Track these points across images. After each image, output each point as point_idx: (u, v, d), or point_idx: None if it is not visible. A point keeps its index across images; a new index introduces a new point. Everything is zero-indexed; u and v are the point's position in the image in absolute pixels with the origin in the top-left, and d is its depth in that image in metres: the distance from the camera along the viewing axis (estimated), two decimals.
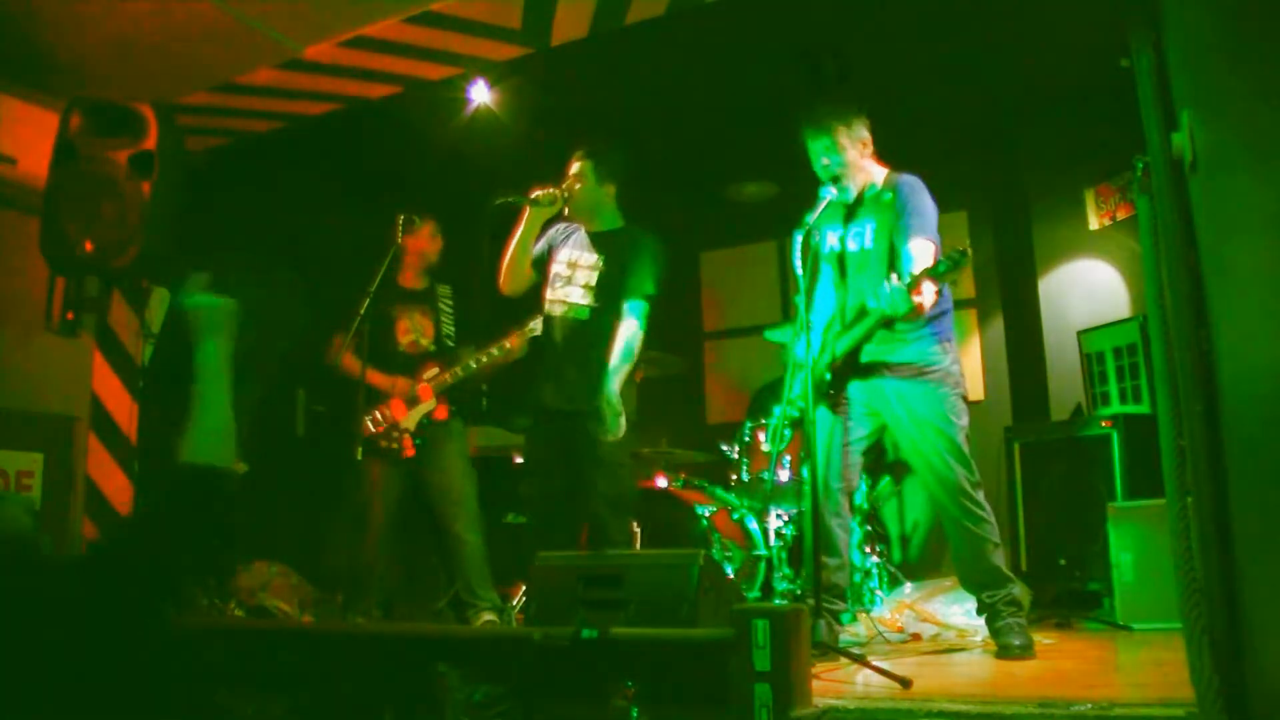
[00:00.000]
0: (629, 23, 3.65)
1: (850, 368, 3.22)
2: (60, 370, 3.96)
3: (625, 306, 3.54)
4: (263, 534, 4.67)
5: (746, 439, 4.66)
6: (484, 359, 3.92)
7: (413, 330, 4.16)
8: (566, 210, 3.63)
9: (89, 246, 3.40)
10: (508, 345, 3.85)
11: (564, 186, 3.59)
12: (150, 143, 3.48)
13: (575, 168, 3.65)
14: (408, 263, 4.19)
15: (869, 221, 3.23)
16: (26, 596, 1.52)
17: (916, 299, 2.86)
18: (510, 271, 3.67)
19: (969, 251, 2.80)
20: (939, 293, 2.96)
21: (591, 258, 3.65)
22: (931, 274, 2.85)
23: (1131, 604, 3.69)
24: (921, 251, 3.04)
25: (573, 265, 3.66)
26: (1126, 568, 3.73)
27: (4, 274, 3.83)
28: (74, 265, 3.51)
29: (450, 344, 4.15)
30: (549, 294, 3.68)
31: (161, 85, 3.90)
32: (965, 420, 3.11)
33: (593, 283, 3.60)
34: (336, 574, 4.16)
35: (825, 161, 3.23)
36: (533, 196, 3.54)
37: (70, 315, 3.70)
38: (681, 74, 4.74)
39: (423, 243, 4.17)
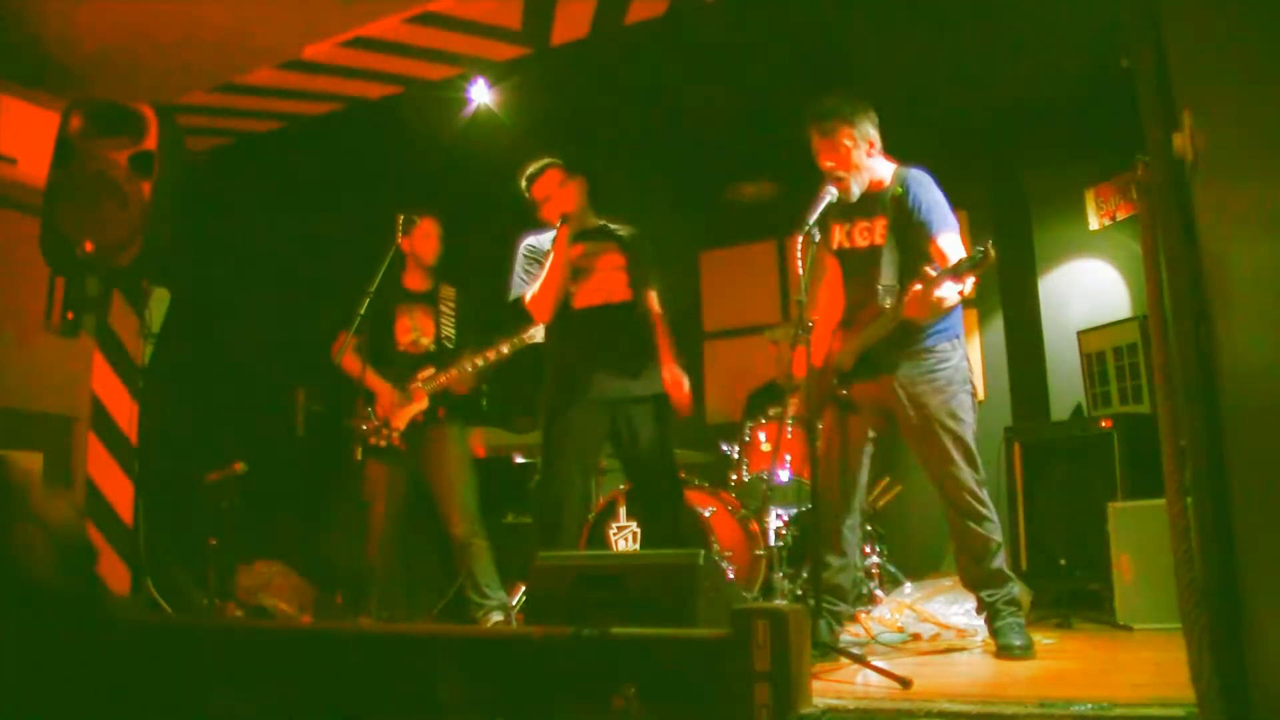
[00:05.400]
0: (629, 23, 3.65)
1: (861, 373, 3.22)
2: (60, 370, 3.96)
3: (653, 296, 3.79)
4: (263, 534, 4.67)
5: (746, 439, 4.66)
6: (479, 362, 3.95)
7: (413, 330, 4.14)
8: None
9: (89, 246, 3.40)
10: (504, 350, 3.89)
11: (572, 203, 3.68)
12: (150, 143, 3.49)
13: (561, 181, 3.73)
14: (410, 263, 4.19)
15: (879, 218, 3.22)
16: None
17: (938, 293, 2.88)
18: (548, 298, 3.65)
19: (990, 251, 2.79)
20: (962, 291, 2.96)
21: (601, 249, 3.73)
22: (953, 273, 2.86)
23: (1131, 604, 3.69)
24: (951, 246, 3.06)
25: (587, 258, 3.71)
26: (1126, 568, 3.73)
27: (4, 274, 3.83)
28: (74, 265, 3.51)
29: (450, 345, 4.13)
30: (575, 289, 3.70)
31: (161, 85, 3.90)
32: (972, 417, 3.11)
33: (622, 275, 3.72)
34: (342, 574, 4.16)
35: (829, 163, 3.22)
36: (564, 215, 3.63)
37: (70, 315, 3.70)
38: (681, 74, 4.74)
39: (416, 242, 4.14)
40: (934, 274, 2.88)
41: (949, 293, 2.91)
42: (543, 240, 3.76)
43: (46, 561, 1.61)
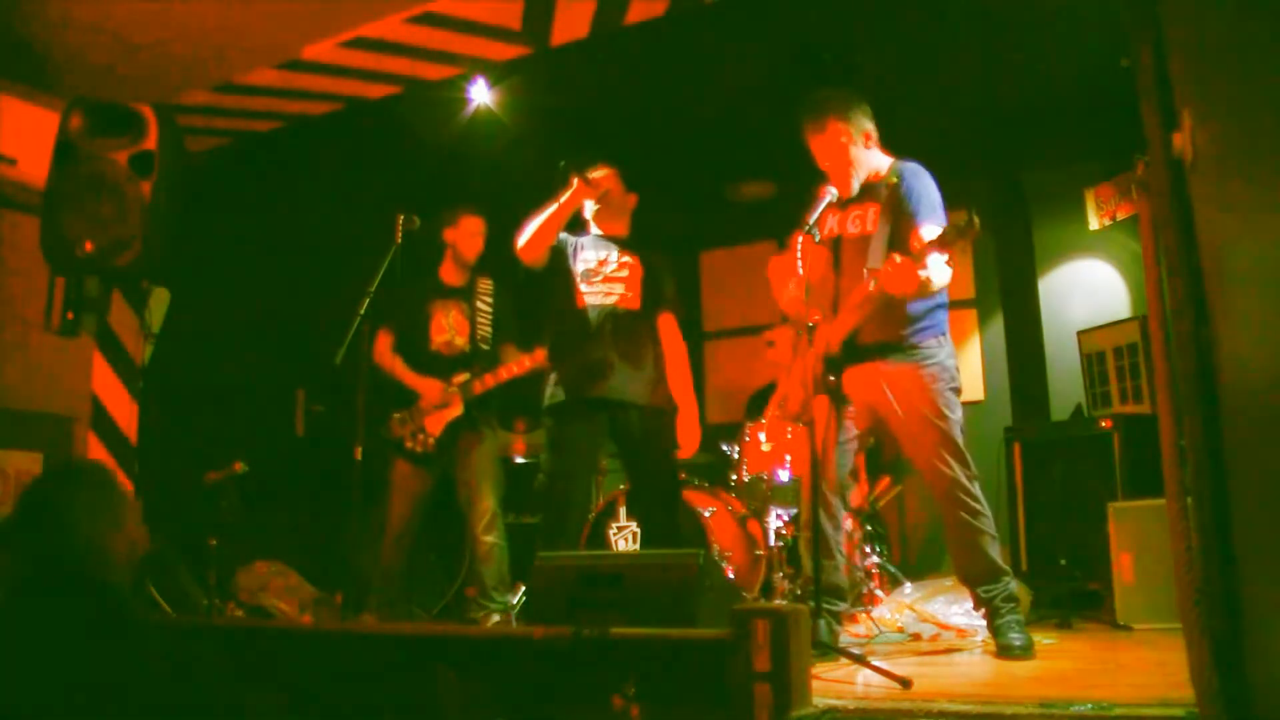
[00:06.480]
0: (629, 23, 3.64)
1: (847, 360, 3.21)
2: (60, 370, 3.96)
3: (671, 321, 3.78)
4: (263, 534, 4.67)
5: (746, 439, 4.66)
6: (514, 369, 3.90)
7: (448, 329, 4.09)
8: (593, 208, 3.70)
9: (89, 246, 3.40)
10: (540, 358, 3.82)
11: (602, 184, 3.63)
12: (150, 143, 3.48)
13: (606, 173, 3.71)
14: (449, 257, 4.16)
15: (871, 206, 3.22)
16: None
17: (922, 273, 2.85)
18: (540, 237, 3.58)
19: (974, 220, 2.74)
20: (950, 261, 2.92)
21: (621, 257, 3.72)
22: (940, 244, 2.82)
23: (1131, 604, 3.69)
24: (931, 236, 3.05)
25: (604, 262, 3.71)
26: (1126, 568, 3.73)
27: (4, 274, 3.83)
28: (74, 265, 3.51)
29: (485, 346, 4.09)
30: (585, 287, 3.69)
31: (161, 85, 3.90)
32: (959, 414, 3.10)
33: (637, 281, 3.70)
34: (347, 573, 4.15)
35: (827, 162, 3.22)
36: (587, 174, 3.58)
37: (70, 315, 3.70)
38: (681, 74, 4.73)
39: (462, 237, 4.10)
40: (917, 247, 2.87)
41: (936, 270, 2.89)
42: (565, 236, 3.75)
43: (127, 574, 1.70)
